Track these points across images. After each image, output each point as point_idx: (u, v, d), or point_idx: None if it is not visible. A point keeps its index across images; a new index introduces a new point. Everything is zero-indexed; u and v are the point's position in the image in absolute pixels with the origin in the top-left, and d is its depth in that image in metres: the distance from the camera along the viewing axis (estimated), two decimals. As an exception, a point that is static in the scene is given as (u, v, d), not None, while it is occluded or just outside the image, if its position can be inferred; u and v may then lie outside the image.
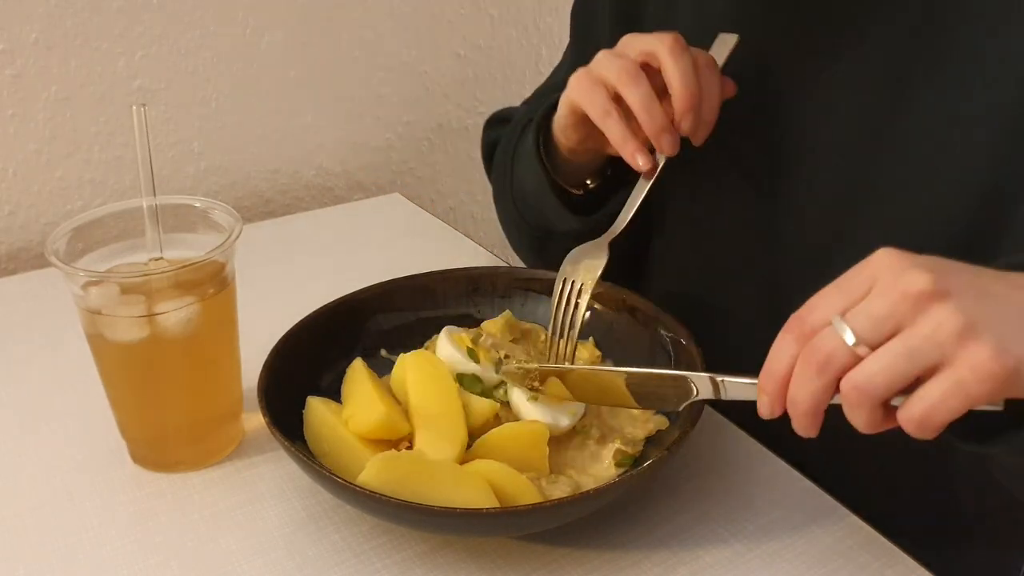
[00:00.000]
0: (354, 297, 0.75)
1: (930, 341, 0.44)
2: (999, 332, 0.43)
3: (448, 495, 0.57)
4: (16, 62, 0.97)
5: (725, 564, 0.59)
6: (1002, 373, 0.42)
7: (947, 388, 0.44)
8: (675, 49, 0.63)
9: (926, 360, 0.44)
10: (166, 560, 0.59)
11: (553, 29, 1.34)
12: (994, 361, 0.42)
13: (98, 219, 0.66)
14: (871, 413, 0.46)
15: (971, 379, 0.43)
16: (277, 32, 1.11)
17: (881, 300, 0.45)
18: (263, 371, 0.65)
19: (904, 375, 0.45)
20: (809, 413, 0.48)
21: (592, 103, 0.65)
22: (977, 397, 0.43)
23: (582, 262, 0.70)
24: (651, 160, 0.66)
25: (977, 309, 0.44)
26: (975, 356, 0.43)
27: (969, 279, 0.45)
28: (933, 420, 0.44)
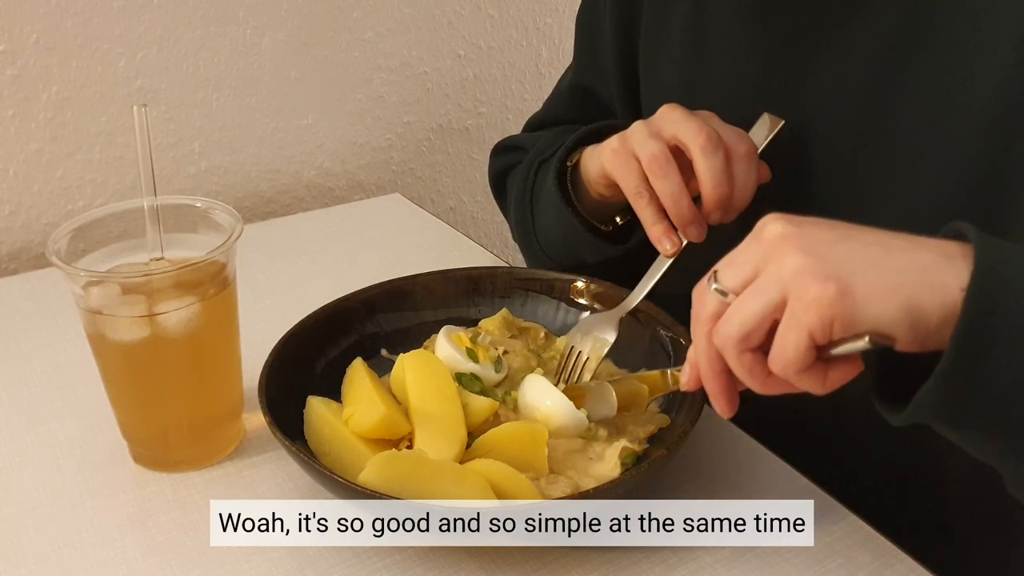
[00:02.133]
0: (354, 297, 0.75)
1: (773, 278, 0.46)
2: (835, 266, 0.45)
3: (448, 495, 0.57)
4: (17, 62, 0.97)
5: (725, 564, 0.59)
6: (825, 298, 0.44)
7: (785, 323, 0.46)
8: (707, 148, 0.63)
9: (771, 297, 0.46)
10: (166, 560, 0.59)
11: (553, 29, 1.34)
12: (818, 287, 0.44)
13: (99, 219, 0.66)
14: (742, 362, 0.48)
15: (799, 307, 0.45)
16: (277, 32, 1.11)
17: (745, 250, 0.49)
18: (263, 371, 0.65)
19: (756, 314, 0.47)
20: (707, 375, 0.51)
21: (625, 179, 0.66)
22: (810, 324, 0.45)
23: (591, 334, 0.71)
24: (677, 243, 0.67)
25: (823, 250, 0.46)
26: (804, 286, 0.45)
27: (829, 228, 0.48)
28: (784, 356, 0.46)
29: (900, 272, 0.45)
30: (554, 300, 0.78)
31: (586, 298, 0.77)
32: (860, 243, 0.46)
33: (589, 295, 0.77)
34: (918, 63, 0.60)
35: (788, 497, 0.64)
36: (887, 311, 0.44)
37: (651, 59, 0.79)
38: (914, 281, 0.44)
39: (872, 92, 0.62)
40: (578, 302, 0.77)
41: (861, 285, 0.44)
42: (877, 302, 0.44)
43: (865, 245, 0.46)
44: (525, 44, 1.33)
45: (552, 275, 0.78)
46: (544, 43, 1.35)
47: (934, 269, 0.45)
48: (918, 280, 0.45)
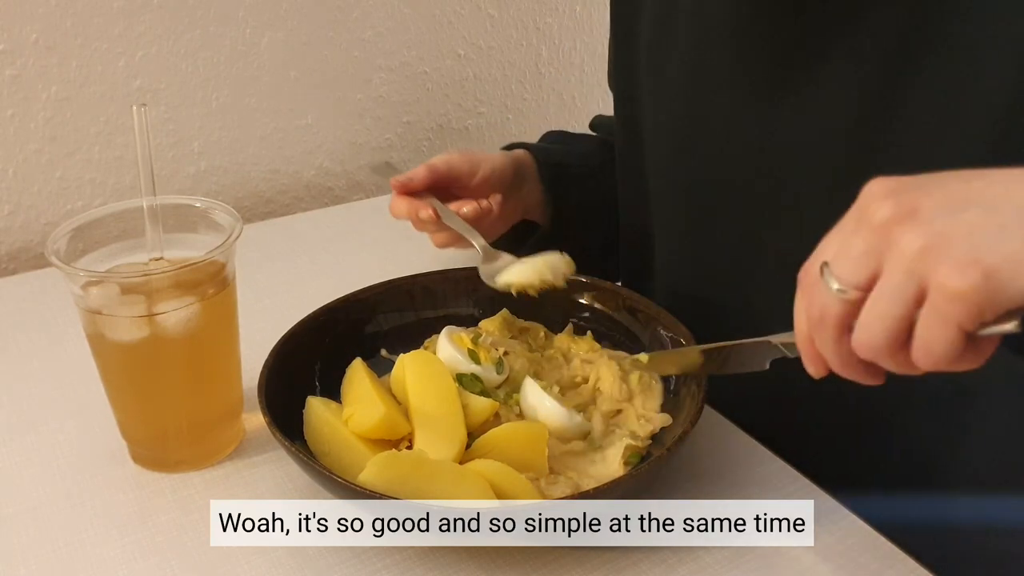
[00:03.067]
0: (354, 297, 0.75)
1: (902, 272, 0.42)
2: (967, 242, 0.40)
3: (448, 495, 0.57)
4: (16, 62, 0.97)
5: (725, 564, 0.58)
6: (970, 289, 0.40)
7: (929, 319, 0.42)
8: None
9: (907, 294, 0.42)
10: (166, 560, 0.59)
11: (553, 29, 1.34)
12: (958, 278, 0.40)
13: (98, 219, 0.66)
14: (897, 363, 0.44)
15: (942, 303, 0.41)
16: (277, 32, 1.11)
17: (856, 238, 0.44)
18: (263, 371, 0.65)
19: (898, 318, 0.43)
20: (845, 367, 0.47)
21: None
22: (958, 319, 0.41)
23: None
24: None
25: (943, 223, 0.41)
26: (941, 277, 0.41)
27: (941, 191, 0.43)
28: (934, 353, 0.42)
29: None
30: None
31: (586, 298, 0.77)
32: (984, 206, 0.41)
33: (589, 295, 0.77)
34: (925, 66, 0.60)
35: (788, 497, 0.64)
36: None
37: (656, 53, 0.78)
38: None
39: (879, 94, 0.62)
40: (578, 302, 0.77)
41: (1004, 259, 0.40)
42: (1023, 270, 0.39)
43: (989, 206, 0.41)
44: (525, 44, 1.33)
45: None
46: (544, 43, 1.35)
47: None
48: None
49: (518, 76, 1.34)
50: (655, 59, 0.78)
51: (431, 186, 0.80)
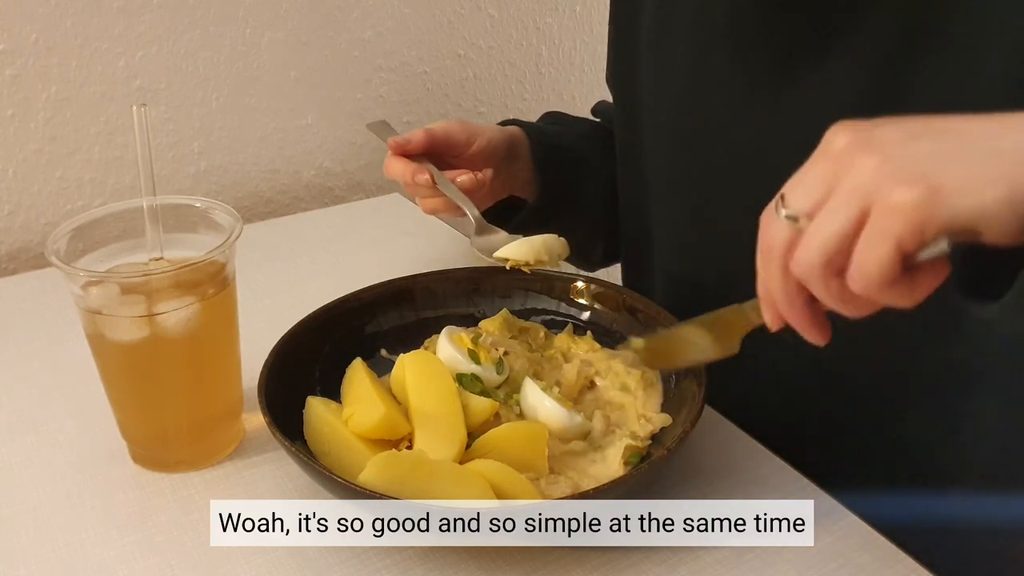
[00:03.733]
0: (354, 297, 0.75)
1: (849, 191, 0.42)
2: (916, 164, 0.41)
3: (448, 495, 0.57)
4: (16, 62, 0.97)
5: (725, 564, 0.58)
6: (912, 202, 0.40)
7: (868, 235, 0.42)
8: None
9: (851, 212, 0.42)
10: (166, 560, 0.59)
11: (553, 29, 1.34)
12: (903, 191, 0.40)
13: (98, 219, 0.66)
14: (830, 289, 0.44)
15: (885, 215, 0.41)
16: (277, 32, 1.11)
17: (810, 167, 0.45)
18: (263, 371, 0.65)
19: (837, 234, 0.43)
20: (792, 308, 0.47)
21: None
22: (898, 233, 0.41)
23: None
24: None
25: (898, 150, 0.42)
26: (888, 192, 0.41)
27: (900, 124, 0.44)
28: (867, 272, 0.42)
29: (992, 157, 0.41)
30: (554, 300, 0.78)
31: (586, 298, 0.77)
32: (939, 136, 0.42)
33: (589, 295, 0.77)
34: (924, 64, 0.60)
35: (788, 497, 0.64)
36: (987, 199, 0.40)
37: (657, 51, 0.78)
38: (1010, 161, 0.40)
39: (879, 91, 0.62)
40: (578, 302, 0.77)
41: (951, 177, 0.40)
42: (972, 192, 0.40)
43: (945, 137, 0.42)
44: (525, 44, 1.33)
45: (552, 275, 0.78)
46: (544, 43, 1.35)
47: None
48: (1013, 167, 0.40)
49: (518, 76, 1.34)
50: (656, 56, 0.78)
51: (427, 151, 0.82)
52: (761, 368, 0.73)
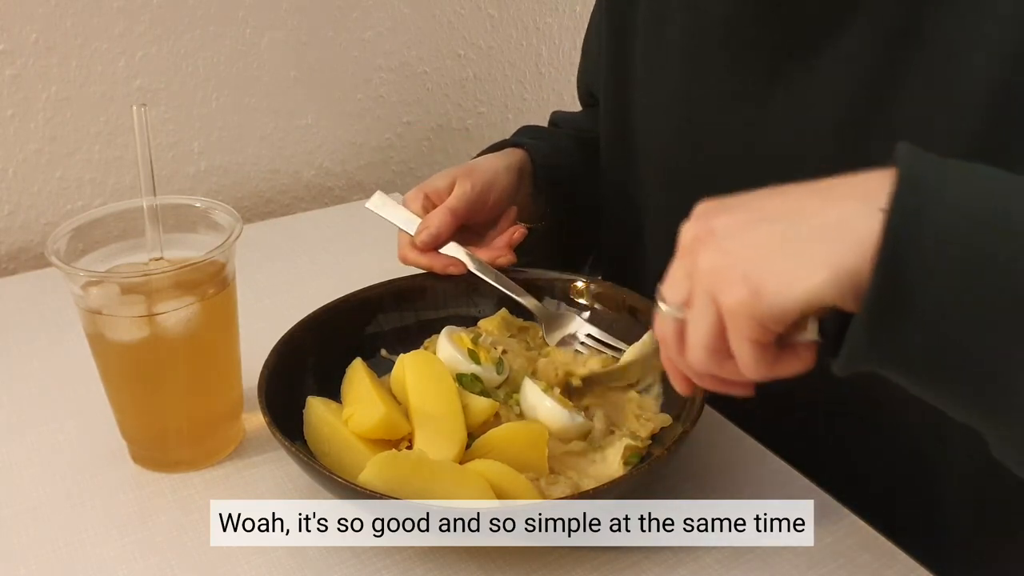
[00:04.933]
0: (354, 297, 0.75)
1: (700, 292, 0.46)
2: (742, 262, 0.44)
3: (448, 495, 0.57)
4: (16, 62, 0.97)
5: (725, 564, 0.58)
6: (737, 304, 0.43)
7: (732, 338, 0.45)
8: None
9: (709, 311, 0.46)
10: (166, 560, 0.59)
11: (553, 29, 1.34)
12: (730, 293, 0.44)
13: (98, 219, 0.66)
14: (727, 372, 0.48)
15: (729, 318, 0.44)
16: (277, 32, 1.11)
17: (677, 262, 0.49)
18: (263, 371, 0.65)
19: (707, 335, 0.46)
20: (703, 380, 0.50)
21: None
22: (743, 332, 0.44)
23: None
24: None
25: (730, 244, 0.45)
26: (722, 294, 0.44)
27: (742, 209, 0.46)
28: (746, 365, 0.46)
29: (815, 239, 0.43)
30: (555, 300, 0.78)
31: (586, 298, 0.77)
32: (768, 223, 0.45)
33: (589, 295, 0.77)
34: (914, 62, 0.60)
35: (788, 497, 0.64)
36: (808, 288, 0.42)
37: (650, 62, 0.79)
38: (836, 244, 0.42)
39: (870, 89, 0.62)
40: (578, 302, 0.77)
41: (771, 277, 0.43)
42: (793, 288, 0.42)
43: (773, 224, 0.44)
44: (525, 44, 1.33)
45: (552, 275, 0.78)
46: (544, 43, 1.35)
47: (851, 222, 0.42)
48: (840, 242, 0.42)
49: (518, 76, 1.34)
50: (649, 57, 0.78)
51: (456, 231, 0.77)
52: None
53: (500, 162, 0.82)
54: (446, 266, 0.76)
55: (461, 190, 0.77)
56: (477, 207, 0.78)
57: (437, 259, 0.76)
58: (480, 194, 0.78)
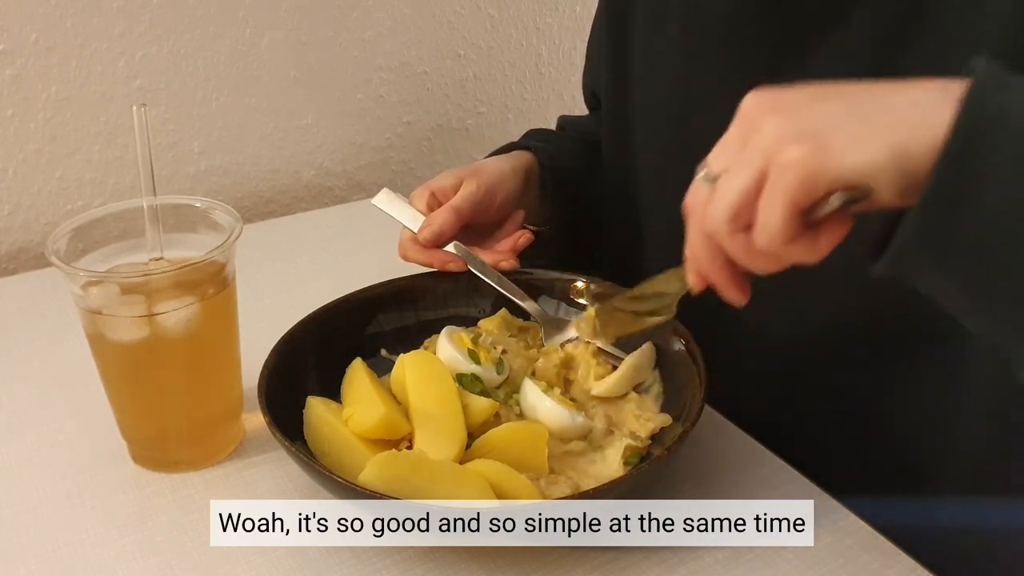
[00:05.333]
0: (354, 297, 0.75)
1: (752, 150, 0.45)
2: (811, 123, 0.43)
3: (448, 495, 0.57)
4: (16, 62, 0.97)
5: (725, 564, 0.58)
6: (800, 157, 0.42)
7: (766, 191, 0.44)
8: None
9: (752, 170, 0.45)
10: (166, 560, 0.59)
11: (553, 29, 1.34)
12: (794, 147, 0.43)
13: (98, 219, 0.66)
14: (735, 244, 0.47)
15: (778, 172, 0.43)
16: (277, 32, 1.11)
17: (730, 132, 0.48)
18: (263, 371, 0.65)
19: (740, 190, 0.45)
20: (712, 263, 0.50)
21: None
22: (790, 187, 0.43)
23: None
24: None
25: (799, 111, 0.44)
26: (782, 150, 0.43)
27: (807, 90, 0.46)
28: (768, 227, 0.44)
29: (884, 114, 0.43)
30: (554, 300, 0.78)
31: (586, 298, 0.77)
32: (840, 97, 0.45)
33: (589, 295, 0.77)
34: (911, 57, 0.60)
35: (788, 497, 0.64)
36: (870, 157, 0.42)
37: (649, 60, 0.79)
38: (900, 122, 0.42)
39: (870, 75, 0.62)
40: (578, 302, 0.77)
41: (839, 136, 0.42)
42: (858, 150, 0.42)
43: (845, 99, 0.44)
44: (525, 44, 1.33)
45: (552, 275, 0.78)
46: (544, 43, 1.35)
47: (925, 106, 0.42)
48: (904, 120, 0.42)
49: (518, 76, 1.34)
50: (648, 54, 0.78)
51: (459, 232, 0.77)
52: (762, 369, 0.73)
53: (507, 164, 0.82)
54: (445, 262, 0.76)
55: (467, 190, 0.77)
56: (482, 207, 0.78)
57: (437, 255, 0.76)
58: (486, 194, 0.78)
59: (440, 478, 0.58)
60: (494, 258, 0.77)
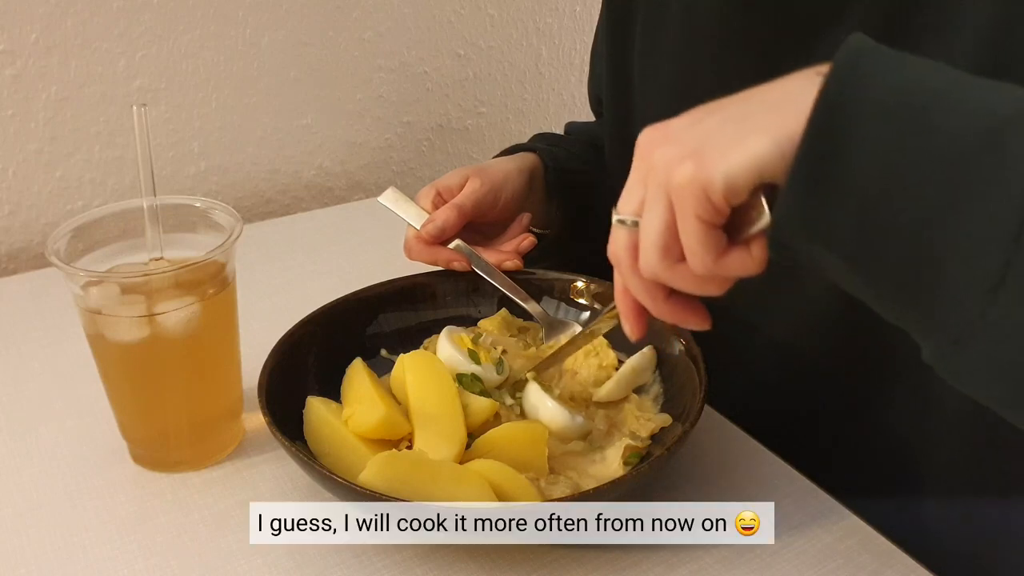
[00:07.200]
0: (354, 297, 0.75)
1: (655, 185, 0.45)
2: (691, 142, 0.44)
3: (448, 495, 0.57)
4: (16, 62, 0.97)
5: (725, 564, 0.59)
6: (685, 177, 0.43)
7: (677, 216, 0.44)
8: None
9: (661, 204, 0.45)
10: (166, 560, 0.59)
11: (553, 29, 1.34)
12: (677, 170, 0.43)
13: (98, 219, 0.66)
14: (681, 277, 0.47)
15: (676, 195, 0.44)
16: (277, 32, 1.11)
17: (632, 173, 0.48)
18: (263, 371, 0.65)
19: (660, 228, 0.45)
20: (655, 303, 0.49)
21: None
22: (691, 209, 0.43)
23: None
24: None
25: (686, 135, 0.45)
26: (673, 174, 0.44)
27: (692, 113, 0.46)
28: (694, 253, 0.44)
29: (761, 112, 0.43)
30: (554, 300, 0.78)
31: (586, 298, 0.77)
32: (721, 109, 0.45)
33: (589, 295, 0.77)
34: None
35: (788, 497, 0.64)
36: (751, 152, 0.42)
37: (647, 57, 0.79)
38: (775, 112, 0.42)
39: None
40: (578, 302, 0.77)
41: (716, 146, 0.43)
42: (738, 150, 0.42)
43: (726, 108, 0.45)
44: (525, 44, 1.33)
45: (552, 275, 0.78)
46: (544, 43, 1.35)
47: (798, 93, 0.42)
48: (779, 110, 0.42)
49: (518, 76, 1.34)
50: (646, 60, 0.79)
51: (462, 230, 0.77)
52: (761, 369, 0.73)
53: (512, 164, 0.82)
54: (449, 261, 0.76)
55: (471, 188, 0.77)
56: (486, 205, 0.78)
57: (441, 253, 0.76)
58: (490, 192, 0.78)
59: (440, 478, 0.58)
60: (498, 258, 0.77)
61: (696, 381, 0.64)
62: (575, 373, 0.72)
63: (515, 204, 0.81)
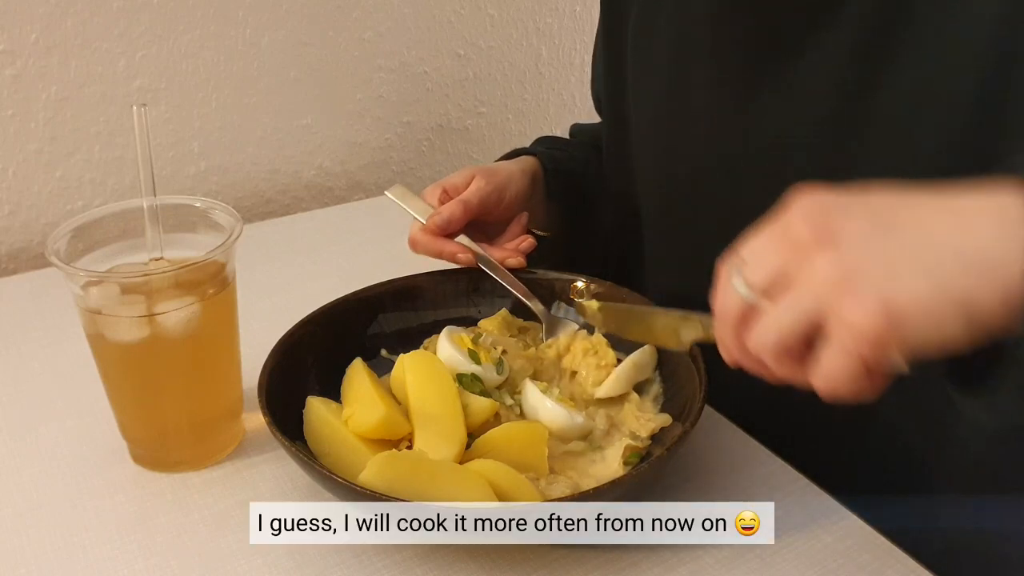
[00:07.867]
0: (354, 297, 0.75)
1: (806, 291, 0.42)
2: (880, 279, 0.40)
3: (448, 495, 0.57)
4: (16, 62, 0.97)
5: (725, 564, 0.59)
6: (873, 327, 0.40)
7: (835, 352, 0.42)
8: None
9: (807, 311, 0.42)
10: (166, 560, 0.59)
11: (553, 29, 1.34)
12: (862, 314, 0.40)
13: (98, 219, 0.66)
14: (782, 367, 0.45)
15: (850, 341, 0.41)
16: (277, 32, 1.11)
17: (774, 250, 0.44)
18: (263, 371, 0.65)
19: (792, 331, 0.43)
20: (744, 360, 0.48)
21: None
22: (861, 354, 0.41)
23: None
24: None
25: (859, 253, 0.41)
26: (850, 314, 0.41)
27: (866, 214, 0.43)
28: (834, 379, 0.43)
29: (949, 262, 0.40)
30: (554, 300, 0.78)
31: (586, 298, 0.77)
32: (899, 235, 0.42)
33: (589, 295, 0.77)
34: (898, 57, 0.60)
35: (788, 497, 0.64)
36: (941, 325, 0.40)
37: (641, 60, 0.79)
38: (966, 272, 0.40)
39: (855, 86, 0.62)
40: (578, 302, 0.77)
41: (909, 303, 0.40)
42: (931, 324, 0.40)
43: (904, 235, 0.41)
44: (525, 44, 1.33)
45: (552, 275, 0.78)
46: (544, 43, 1.35)
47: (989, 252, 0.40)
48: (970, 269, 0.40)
49: (518, 76, 1.34)
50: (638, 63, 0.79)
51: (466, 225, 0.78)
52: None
53: (515, 166, 0.83)
54: (454, 253, 0.76)
55: (476, 185, 0.78)
56: (490, 203, 0.79)
57: (446, 245, 0.77)
58: (495, 191, 0.79)
59: (440, 478, 0.58)
60: (502, 255, 0.77)
61: (696, 381, 0.64)
62: (575, 372, 0.72)
63: (518, 204, 0.81)
